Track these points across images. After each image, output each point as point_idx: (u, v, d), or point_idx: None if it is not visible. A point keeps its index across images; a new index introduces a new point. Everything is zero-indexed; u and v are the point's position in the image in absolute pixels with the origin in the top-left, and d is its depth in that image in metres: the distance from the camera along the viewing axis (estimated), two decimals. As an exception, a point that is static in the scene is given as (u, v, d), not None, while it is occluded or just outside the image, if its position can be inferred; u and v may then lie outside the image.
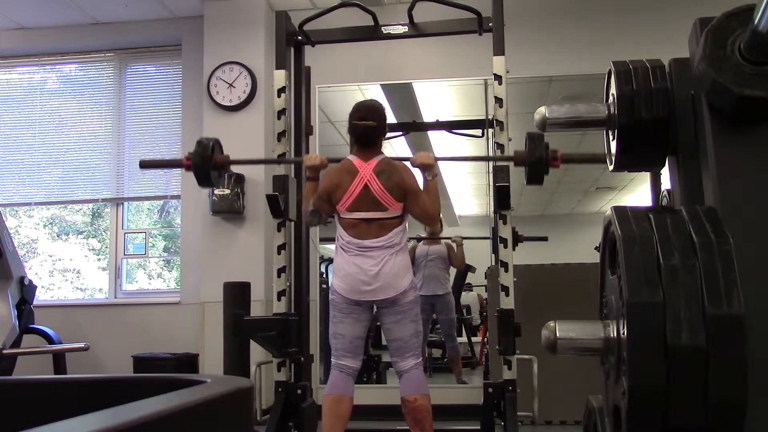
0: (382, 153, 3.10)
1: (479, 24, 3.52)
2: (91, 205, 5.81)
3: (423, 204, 3.00)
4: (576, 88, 5.18)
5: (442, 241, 5.55)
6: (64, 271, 5.89)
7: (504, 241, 3.29)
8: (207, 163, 3.10)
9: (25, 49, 5.66)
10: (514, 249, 3.31)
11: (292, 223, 3.54)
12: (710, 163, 1.64)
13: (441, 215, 5.72)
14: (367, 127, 3.03)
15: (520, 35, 4.42)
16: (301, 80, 3.83)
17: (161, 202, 5.69)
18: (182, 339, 4.98)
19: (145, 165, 3.43)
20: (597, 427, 1.71)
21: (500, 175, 3.25)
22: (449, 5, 3.61)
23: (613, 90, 1.96)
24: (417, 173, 3.12)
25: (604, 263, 1.66)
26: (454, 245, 5.48)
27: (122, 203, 5.55)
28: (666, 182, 2.54)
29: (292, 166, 3.59)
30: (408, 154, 5.57)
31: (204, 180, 3.14)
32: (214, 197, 4.78)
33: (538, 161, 2.92)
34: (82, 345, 4.13)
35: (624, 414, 1.36)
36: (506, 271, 3.26)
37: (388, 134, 3.76)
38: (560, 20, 5.02)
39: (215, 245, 4.90)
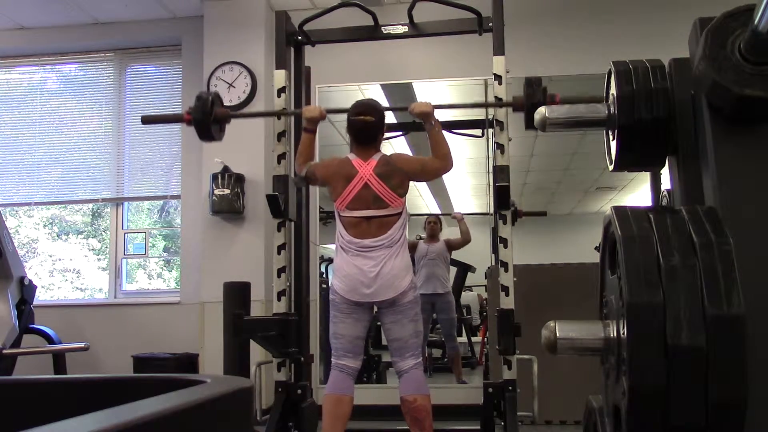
0: (381, 151, 3.09)
1: (479, 24, 3.52)
2: (91, 205, 5.81)
3: (431, 163, 3.03)
4: (576, 88, 5.18)
5: (441, 239, 5.54)
6: (64, 271, 5.89)
7: (504, 241, 3.29)
8: (207, 117, 3.17)
9: (25, 49, 5.65)
10: (513, 224, 3.32)
11: (292, 223, 3.54)
12: (710, 163, 1.64)
13: (442, 219, 5.76)
14: (365, 123, 3.02)
15: (520, 35, 4.42)
16: (301, 80, 3.83)
17: (161, 202, 5.69)
18: (182, 339, 4.98)
19: (147, 120, 3.50)
20: (597, 427, 1.71)
21: (500, 175, 3.25)
22: (449, 5, 3.61)
23: (613, 90, 1.96)
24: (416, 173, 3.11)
25: (604, 263, 1.67)
26: (455, 237, 5.46)
27: (122, 203, 5.55)
28: (666, 182, 2.54)
29: (292, 167, 3.59)
30: (408, 153, 5.58)
31: (205, 134, 3.22)
32: (214, 197, 4.77)
33: (536, 105, 2.94)
34: (82, 345, 4.13)
35: (624, 414, 1.36)
36: (506, 271, 3.26)
37: (388, 134, 3.77)
38: (560, 20, 5.02)
39: (215, 245, 4.90)
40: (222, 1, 5.09)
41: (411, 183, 3.08)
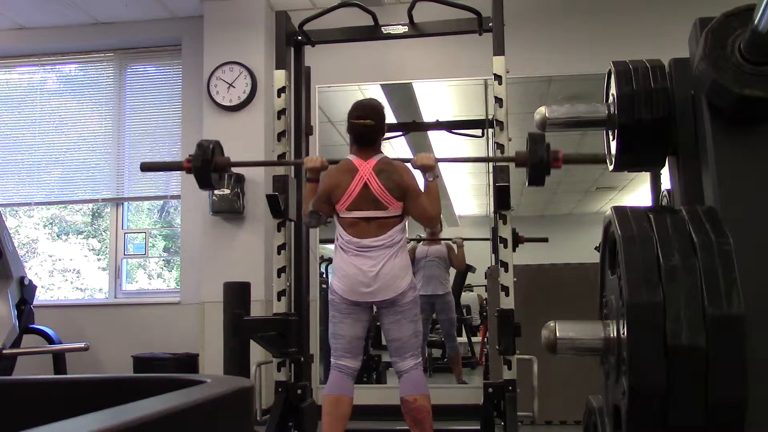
0: (382, 152, 3.09)
1: (479, 24, 3.52)
2: (91, 205, 5.81)
3: (423, 205, 3.00)
4: (576, 88, 5.18)
5: (442, 241, 5.55)
6: (64, 271, 5.89)
7: (504, 241, 3.29)
8: (207, 166, 3.11)
9: (25, 49, 5.66)
10: (514, 250, 3.31)
11: (292, 223, 3.54)
12: (710, 163, 1.64)
13: (441, 216, 5.76)
14: (365, 126, 3.02)
15: (520, 35, 4.42)
16: (301, 80, 3.83)
17: (161, 202, 5.70)
18: (182, 339, 4.98)
19: (146, 168, 3.44)
20: (597, 427, 1.71)
21: (500, 175, 3.25)
22: (449, 5, 3.61)
23: (613, 90, 1.96)
24: (418, 175, 3.12)
25: (604, 263, 1.66)
26: (454, 246, 5.48)
27: (122, 203, 5.55)
28: (666, 182, 2.54)
29: (292, 167, 3.59)
30: (408, 154, 5.58)
31: (205, 183, 3.15)
32: (214, 197, 4.78)
33: (539, 162, 2.92)
34: (82, 345, 4.13)
35: (624, 414, 1.36)
36: (506, 271, 3.26)
37: (388, 134, 3.77)
38: (560, 20, 5.02)
39: (215, 245, 4.90)
40: (222, 1, 5.09)
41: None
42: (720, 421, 1.28)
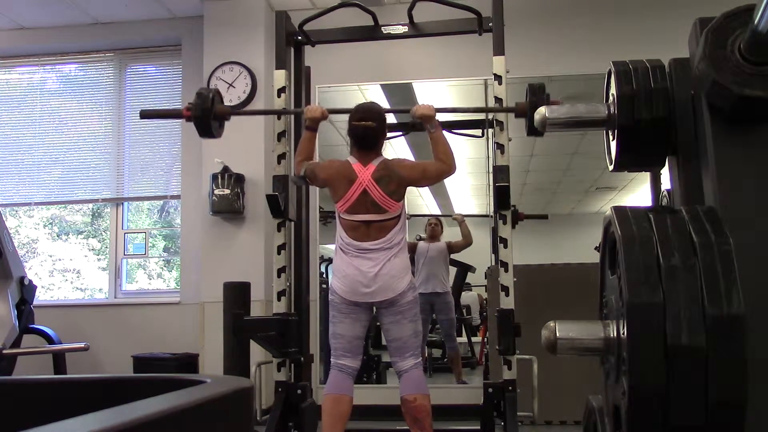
0: (382, 155, 3.09)
1: (479, 24, 3.52)
2: (91, 205, 5.81)
3: (435, 169, 3.03)
4: (576, 88, 5.18)
5: (442, 239, 5.54)
6: (64, 271, 5.89)
7: (504, 241, 3.28)
8: (207, 114, 3.12)
9: (25, 49, 5.65)
10: (513, 227, 3.31)
11: (292, 223, 3.54)
12: (710, 163, 1.64)
13: (443, 221, 5.75)
14: (366, 128, 3.03)
15: (520, 35, 4.42)
16: (301, 80, 3.83)
17: (161, 202, 5.69)
18: (182, 339, 4.98)
19: (145, 115, 3.44)
20: (597, 427, 1.71)
21: (500, 175, 3.25)
22: (449, 5, 3.61)
23: (613, 90, 1.96)
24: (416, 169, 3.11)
25: (604, 263, 1.67)
26: (453, 240, 5.46)
27: (122, 203, 5.55)
28: (666, 182, 2.54)
29: (292, 167, 3.58)
30: (408, 154, 5.57)
31: (205, 131, 3.18)
32: (214, 197, 4.78)
33: None
34: (82, 345, 4.12)
35: (624, 414, 1.36)
36: (506, 271, 3.26)
37: (389, 134, 3.76)
38: (560, 20, 5.01)
39: (215, 245, 4.90)
40: (222, 1, 5.09)
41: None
42: (720, 421, 1.28)
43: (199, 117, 3.12)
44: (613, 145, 2.01)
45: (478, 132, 5.28)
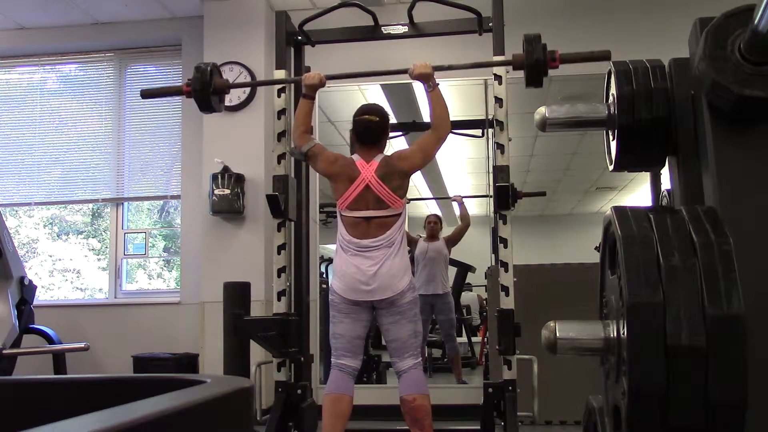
0: (383, 153, 3.09)
1: (479, 24, 3.52)
2: (91, 205, 5.81)
3: (430, 139, 3.02)
4: (576, 88, 5.18)
5: (441, 237, 5.54)
6: (64, 271, 5.89)
7: (504, 241, 3.28)
8: (206, 88, 3.15)
9: (25, 49, 5.65)
10: (513, 206, 3.30)
11: (292, 223, 3.54)
12: (710, 163, 1.64)
13: (441, 216, 5.76)
14: (369, 122, 3.04)
15: (520, 35, 4.41)
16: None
17: (161, 202, 5.69)
18: (182, 339, 4.98)
19: (146, 95, 3.44)
20: (597, 427, 1.71)
21: (500, 175, 3.25)
22: (449, 5, 3.61)
23: (613, 90, 1.97)
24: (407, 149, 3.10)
25: (604, 263, 1.67)
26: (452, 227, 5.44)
27: (122, 203, 5.55)
28: (666, 182, 2.54)
29: (292, 166, 3.58)
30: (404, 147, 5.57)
31: (205, 105, 3.20)
32: (214, 197, 4.77)
33: (536, 63, 2.91)
34: (82, 345, 4.12)
35: (624, 414, 1.36)
36: (506, 271, 3.26)
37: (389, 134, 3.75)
38: (560, 20, 5.01)
39: (215, 245, 4.90)
40: (222, 1, 5.09)
41: (410, 181, 3.09)
42: (720, 421, 1.29)
43: (199, 91, 3.13)
44: (613, 145, 2.01)
45: (478, 132, 5.29)
